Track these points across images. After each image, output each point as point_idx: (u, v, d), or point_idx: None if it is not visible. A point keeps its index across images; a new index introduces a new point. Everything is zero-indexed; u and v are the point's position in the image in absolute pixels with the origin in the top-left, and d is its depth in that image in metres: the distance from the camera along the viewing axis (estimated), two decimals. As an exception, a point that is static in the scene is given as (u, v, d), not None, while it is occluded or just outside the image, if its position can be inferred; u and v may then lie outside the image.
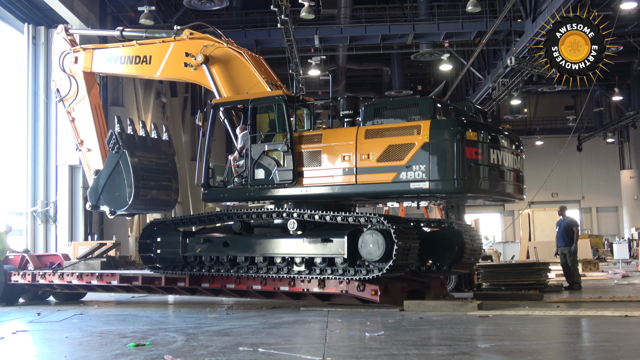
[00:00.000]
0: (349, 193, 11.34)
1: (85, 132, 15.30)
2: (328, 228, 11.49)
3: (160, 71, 14.26)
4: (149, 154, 14.55)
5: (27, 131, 20.64)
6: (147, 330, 9.30)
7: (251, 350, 7.12)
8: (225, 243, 12.38)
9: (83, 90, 15.28)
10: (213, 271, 12.38)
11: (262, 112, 12.44)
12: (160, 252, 13.15)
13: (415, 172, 10.56)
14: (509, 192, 11.55)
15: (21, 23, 20.43)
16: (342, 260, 11.03)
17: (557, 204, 39.73)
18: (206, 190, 12.74)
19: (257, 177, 11.98)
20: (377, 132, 11.09)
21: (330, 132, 12.12)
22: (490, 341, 7.63)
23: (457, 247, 12.67)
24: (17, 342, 8.87)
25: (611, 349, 7.08)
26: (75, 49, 15.46)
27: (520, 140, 12.21)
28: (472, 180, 10.59)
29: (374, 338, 7.88)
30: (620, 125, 41.13)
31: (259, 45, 27.79)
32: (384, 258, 10.56)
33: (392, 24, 27.17)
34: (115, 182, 14.10)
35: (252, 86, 12.89)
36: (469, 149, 10.49)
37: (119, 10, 23.97)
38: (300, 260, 11.50)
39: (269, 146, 11.98)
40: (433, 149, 10.49)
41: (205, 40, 13.63)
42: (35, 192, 20.73)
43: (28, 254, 15.55)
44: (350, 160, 11.15)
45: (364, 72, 38.92)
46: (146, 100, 28.02)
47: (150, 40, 14.47)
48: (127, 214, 15.01)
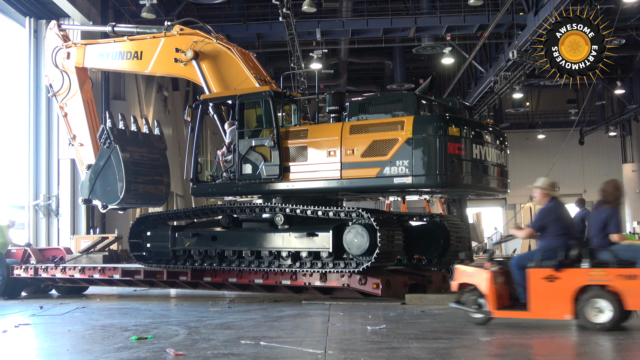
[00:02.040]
0: (335, 188, 11.50)
1: (78, 127, 15.45)
2: (314, 222, 11.70)
3: (151, 67, 14.41)
4: (141, 149, 14.68)
5: (29, 125, 20.63)
6: (149, 323, 9.33)
7: (253, 344, 7.15)
8: (214, 237, 12.61)
9: (75, 85, 15.42)
10: (197, 264, 12.58)
11: (249, 107, 12.58)
12: (150, 246, 13.38)
13: (399, 167, 10.72)
14: (492, 187, 11.73)
15: (23, 17, 20.39)
16: (327, 254, 11.30)
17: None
18: (195, 185, 12.93)
19: (244, 172, 12.14)
20: (362, 127, 11.23)
21: (315, 127, 12.24)
22: (491, 334, 7.64)
23: (442, 240, 12.88)
24: (19, 335, 8.90)
25: (614, 342, 7.08)
26: (68, 44, 15.59)
27: (504, 136, 12.36)
28: (454, 175, 10.77)
29: (376, 331, 7.91)
30: (623, 118, 40.99)
31: (260, 38, 27.72)
32: (368, 252, 10.79)
33: (393, 18, 27.06)
34: (107, 176, 14.25)
35: (241, 82, 13.01)
36: (452, 144, 10.66)
37: (121, 4, 23.91)
38: (286, 254, 11.72)
39: (256, 141, 12.12)
40: (416, 144, 10.65)
41: (195, 36, 13.76)
42: (37, 186, 20.74)
43: (30, 247, 15.60)
44: (335, 156, 11.29)
45: (365, 66, 38.81)
46: (148, 94, 27.99)
47: (141, 36, 14.64)
48: (119, 208, 15.15)
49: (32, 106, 20.63)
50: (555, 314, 7.57)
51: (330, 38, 28.28)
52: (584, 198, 17.04)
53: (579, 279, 7.41)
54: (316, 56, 28.25)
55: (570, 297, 7.39)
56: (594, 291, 7.32)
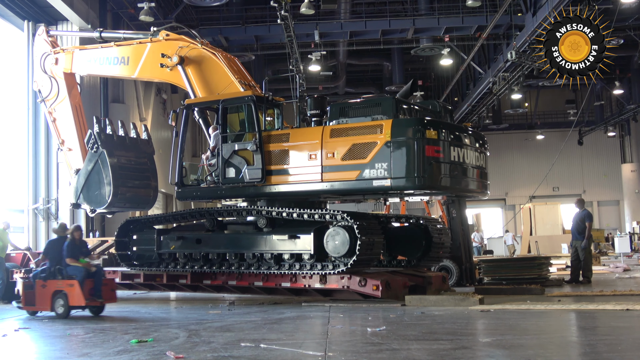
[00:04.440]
0: (316, 191, 11.65)
1: (66, 132, 15.59)
2: (296, 225, 11.83)
3: (137, 72, 14.64)
4: (128, 153, 14.79)
5: (28, 128, 20.60)
6: (149, 326, 9.32)
7: (253, 346, 7.15)
8: (198, 240, 12.75)
9: (64, 91, 15.56)
10: (188, 267, 12.72)
11: (232, 112, 12.77)
12: (136, 249, 13.54)
13: (378, 169, 10.89)
14: (471, 189, 11.94)
15: (21, 20, 20.37)
16: (309, 256, 11.46)
17: (558, 198, 39.84)
18: (180, 189, 13.07)
19: (228, 176, 12.31)
20: (342, 131, 11.38)
21: (297, 131, 12.40)
22: (491, 335, 7.65)
23: (424, 241, 13.14)
24: (19, 339, 8.90)
25: (612, 342, 7.10)
26: (56, 50, 15.76)
27: (484, 139, 12.59)
28: (432, 177, 10.95)
29: (376, 333, 7.90)
30: (621, 118, 41.01)
31: (259, 41, 27.74)
32: (348, 253, 10.94)
33: (392, 19, 27.08)
34: (95, 181, 14.35)
35: (226, 86, 13.23)
36: (429, 147, 10.85)
37: (119, 7, 23.92)
38: (269, 257, 11.83)
39: (239, 145, 12.27)
40: (394, 147, 10.83)
41: (180, 42, 13.99)
42: (36, 190, 20.72)
43: (30, 251, 15.58)
44: (316, 159, 11.43)
45: (364, 67, 38.84)
46: (147, 97, 28.00)
47: (128, 42, 14.83)
48: (107, 212, 15.29)
49: (31, 110, 20.60)
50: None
51: (329, 40, 28.30)
52: (583, 198, 17.03)
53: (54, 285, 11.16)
54: (315, 58, 28.26)
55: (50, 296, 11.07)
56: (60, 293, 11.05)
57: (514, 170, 46.19)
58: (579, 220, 15.90)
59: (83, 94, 20.79)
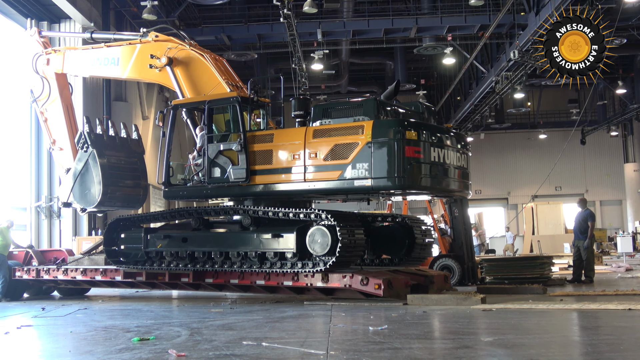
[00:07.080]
0: (299, 190, 11.75)
1: (57, 132, 15.68)
2: (280, 224, 11.90)
3: (127, 73, 14.75)
4: (118, 153, 14.87)
5: (30, 126, 20.66)
6: (151, 324, 9.33)
7: (255, 345, 7.15)
8: (184, 239, 12.82)
9: (55, 91, 15.64)
10: (172, 266, 12.74)
11: (218, 112, 12.85)
12: (124, 247, 13.61)
13: (359, 170, 11.01)
14: (452, 189, 12.07)
15: (24, 18, 20.39)
16: (291, 254, 11.55)
17: (560, 197, 39.73)
18: (167, 188, 13.15)
19: (213, 176, 12.42)
20: (324, 131, 11.50)
21: (281, 132, 12.53)
22: (493, 335, 7.65)
23: (407, 241, 13.28)
24: (22, 336, 8.91)
25: (614, 342, 7.08)
26: (47, 50, 15.84)
27: (465, 140, 12.77)
28: (412, 177, 11.06)
29: (378, 332, 7.90)
30: (624, 118, 40.93)
31: (261, 39, 27.75)
32: (330, 252, 11.04)
33: (395, 18, 27.09)
34: (85, 180, 14.44)
35: (213, 87, 13.32)
36: (409, 148, 10.96)
37: (122, 5, 23.94)
38: (253, 255, 11.91)
39: (224, 145, 12.36)
40: (375, 148, 10.95)
41: (169, 43, 14.08)
42: (39, 187, 20.77)
43: (32, 249, 15.61)
44: (299, 159, 11.55)
45: (367, 66, 38.83)
46: (149, 95, 28.03)
47: (118, 43, 14.94)
48: (97, 211, 15.39)
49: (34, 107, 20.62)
50: None
51: (331, 39, 28.31)
52: (585, 198, 17.01)
53: None
54: (317, 57, 28.26)
55: None
56: None
57: (516, 169, 46.16)
58: (581, 220, 15.89)
59: (86, 93, 20.94)
